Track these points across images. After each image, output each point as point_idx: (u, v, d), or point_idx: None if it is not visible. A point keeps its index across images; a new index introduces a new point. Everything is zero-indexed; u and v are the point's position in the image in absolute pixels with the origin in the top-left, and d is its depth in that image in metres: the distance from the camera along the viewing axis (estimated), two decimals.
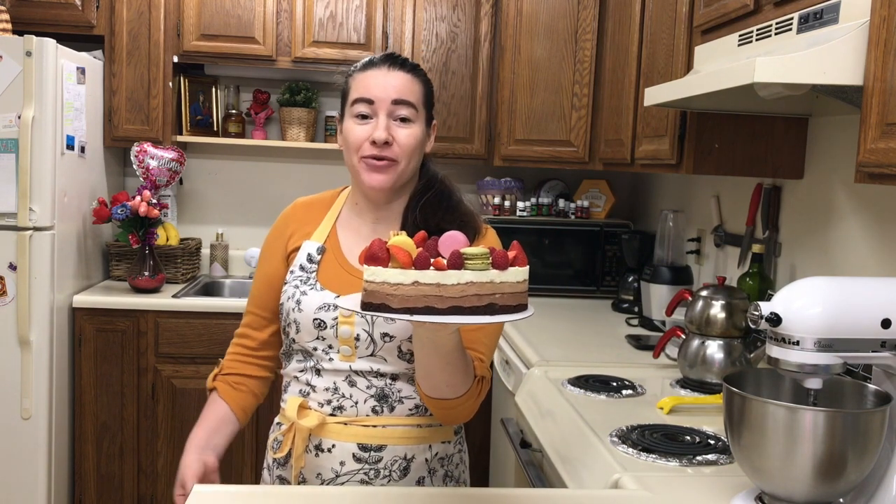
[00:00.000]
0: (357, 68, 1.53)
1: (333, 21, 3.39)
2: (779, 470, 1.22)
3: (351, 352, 1.47)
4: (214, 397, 1.59)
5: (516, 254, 1.16)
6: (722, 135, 2.23)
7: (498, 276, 1.13)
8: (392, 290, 1.10)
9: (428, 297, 1.10)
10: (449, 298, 1.11)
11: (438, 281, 1.10)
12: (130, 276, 3.25)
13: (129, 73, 3.34)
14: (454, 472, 1.56)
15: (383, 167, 1.48)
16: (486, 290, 1.12)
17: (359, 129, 1.48)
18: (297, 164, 3.81)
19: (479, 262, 1.12)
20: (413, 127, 1.49)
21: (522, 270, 1.15)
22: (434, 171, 1.59)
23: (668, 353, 2.31)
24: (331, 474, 1.48)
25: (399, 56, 1.53)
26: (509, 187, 3.61)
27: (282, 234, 1.62)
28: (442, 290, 1.10)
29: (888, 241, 1.90)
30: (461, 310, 1.11)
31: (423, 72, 1.55)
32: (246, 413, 1.60)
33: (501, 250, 1.15)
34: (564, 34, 3.30)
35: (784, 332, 1.24)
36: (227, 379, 1.60)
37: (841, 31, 1.45)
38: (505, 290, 1.13)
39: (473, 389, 1.39)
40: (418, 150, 1.51)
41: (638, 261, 3.18)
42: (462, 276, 1.11)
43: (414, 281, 1.10)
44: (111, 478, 3.18)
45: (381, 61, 1.51)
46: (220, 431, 1.56)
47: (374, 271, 1.11)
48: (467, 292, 1.11)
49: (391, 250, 1.13)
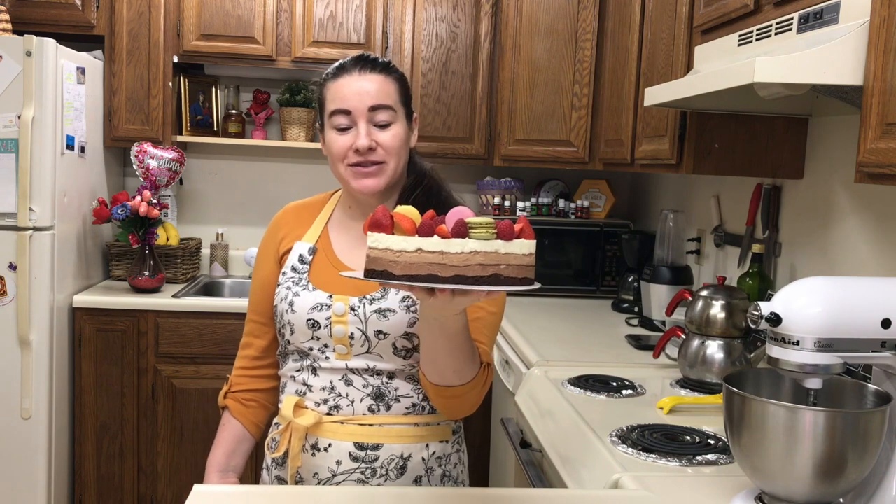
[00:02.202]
0: (329, 76, 1.52)
1: (333, 21, 3.39)
2: (779, 470, 1.22)
3: (346, 350, 1.47)
4: (228, 417, 1.62)
5: (522, 226, 1.14)
6: (722, 135, 2.23)
7: (503, 246, 1.10)
8: (395, 256, 1.08)
9: (431, 265, 1.08)
10: (452, 267, 1.08)
11: (442, 249, 1.08)
12: (130, 276, 3.25)
13: (129, 73, 3.34)
14: (452, 472, 1.55)
15: (373, 172, 1.48)
16: (490, 259, 1.09)
17: (341, 140, 1.48)
18: (297, 164, 3.81)
19: (484, 230, 1.09)
20: (394, 127, 1.49)
21: (529, 243, 1.12)
22: (421, 165, 1.59)
23: (668, 353, 2.31)
24: (327, 473, 1.48)
25: (369, 56, 1.51)
26: (509, 187, 3.61)
27: (273, 237, 1.62)
28: (445, 259, 1.08)
29: (888, 241, 1.90)
30: (465, 279, 1.08)
31: (395, 68, 1.53)
32: (259, 428, 1.63)
33: (507, 221, 1.13)
34: (564, 34, 3.30)
35: (784, 332, 1.24)
36: (237, 396, 1.62)
37: (841, 31, 1.45)
38: (511, 261, 1.10)
39: (480, 376, 1.38)
40: (403, 147, 1.51)
41: (638, 261, 3.18)
42: (466, 244, 1.08)
43: (417, 248, 1.08)
44: (111, 478, 3.18)
45: (351, 65, 1.49)
46: (237, 452, 1.60)
47: (378, 238, 1.10)
48: (471, 261, 1.08)
49: (395, 217, 1.11)
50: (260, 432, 1.63)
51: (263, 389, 1.63)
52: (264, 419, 1.64)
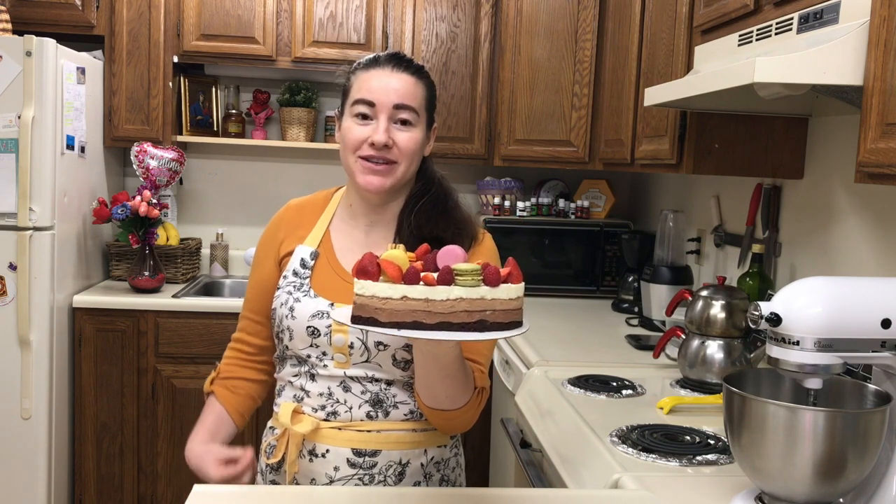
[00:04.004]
0: (360, 66, 1.50)
1: (333, 21, 3.39)
2: (779, 470, 1.22)
3: (345, 359, 1.45)
4: (212, 401, 1.58)
5: (510, 270, 1.15)
6: (722, 135, 2.23)
7: (489, 292, 1.11)
8: (381, 304, 1.10)
9: (416, 312, 1.09)
10: (438, 314, 1.09)
11: (427, 296, 1.09)
12: (130, 276, 3.25)
13: (129, 73, 3.34)
14: (450, 476, 1.55)
15: (382, 170, 1.46)
16: (476, 306, 1.10)
17: (358, 130, 1.46)
18: (297, 164, 3.81)
19: (470, 277, 1.10)
20: (413, 130, 1.47)
21: (516, 288, 1.13)
22: (432, 172, 1.57)
23: (668, 353, 2.31)
24: (325, 479, 1.46)
25: (404, 57, 1.50)
26: (509, 187, 3.61)
27: (274, 237, 1.60)
28: (430, 306, 1.09)
29: (888, 241, 1.90)
30: (450, 325, 1.10)
31: (427, 74, 1.52)
32: (243, 417, 1.59)
33: (494, 267, 1.13)
34: (564, 34, 3.30)
35: (784, 332, 1.24)
36: (224, 383, 1.59)
37: (841, 31, 1.45)
38: (497, 306, 1.11)
39: (473, 401, 1.38)
40: (418, 153, 1.50)
41: (638, 261, 3.18)
42: (451, 291, 1.10)
43: (403, 296, 1.09)
44: (111, 478, 3.18)
45: (385, 61, 1.48)
46: (218, 434, 1.55)
47: (364, 285, 1.11)
48: (457, 308, 1.10)
49: (381, 265, 1.12)
50: (243, 422, 1.59)
51: (253, 380, 1.61)
52: (250, 410, 1.61)
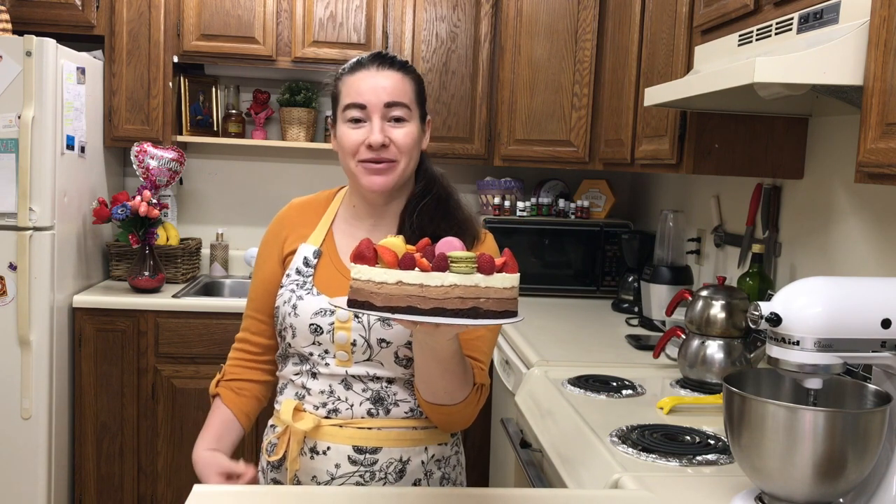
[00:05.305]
0: (346, 70, 1.51)
1: (333, 21, 3.39)
2: (779, 470, 1.22)
3: (347, 357, 1.45)
4: (218, 403, 1.59)
5: (506, 260, 1.16)
6: (722, 135, 2.23)
7: (483, 280, 1.13)
8: (376, 288, 1.12)
9: (411, 297, 1.11)
10: (432, 300, 1.11)
11: (422, 282, 1.11)
12: (130, 276, 3.25)
13: (129, 73, 3.34)
14: (451, 475, 1.55)
15: (383, 169, 1.46)
16: (470, 293, 1.12)
17: (353, 134, 1.46)
18: (297, 164, 3.81)
19: (464, 265, 1.12)
20: (408, 126, 1.48)
21: (511, 277, 1.15)
22: (433, 171, 1.57)
23: (668, 353, 2.31)
24: (326, 477, 1.47)
25: (388, 54, 1.51)
26: (509, 187, 3.61)
27: (277, 236, 1.60)
28: (425, 291, 1.11)
29: (888, 241, 1.90)
30: (444, 311, 1.11)
31: (413, 68, 1.53)
32: (249, 418, 1.60)
33: (489, 255, 1.14)
34: (564, 34, 3.30)
35: (784, 332, 1.24)
36: (229, 385, 1.59)
37: (841, 31, 1.45)
38: (490, 294, 1.13)
39: (472, 397, 1.39)
40: (416, 148, 1.50)
41: (638, 261, 3.18)
42: (446, 277, 1.12)
43: (398, 280, 1.12)
44: (111, 478, 3.18)
45: (369, 62, 1.49)
46: (225, 438, 1.56)
47: (360, 269, 1.14)
48: (451, 294, 1.11)
49: (378, 250, 1.15)
50: (249, 424, 1.60)
51: (258, 381, 1.61)
52: (256, 411, 1.61)
